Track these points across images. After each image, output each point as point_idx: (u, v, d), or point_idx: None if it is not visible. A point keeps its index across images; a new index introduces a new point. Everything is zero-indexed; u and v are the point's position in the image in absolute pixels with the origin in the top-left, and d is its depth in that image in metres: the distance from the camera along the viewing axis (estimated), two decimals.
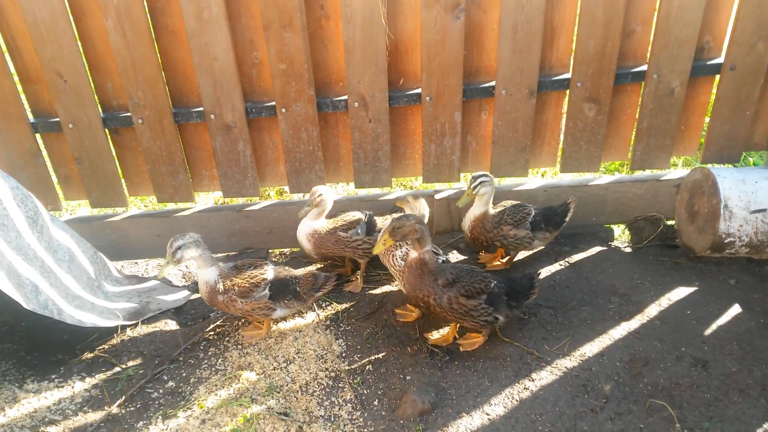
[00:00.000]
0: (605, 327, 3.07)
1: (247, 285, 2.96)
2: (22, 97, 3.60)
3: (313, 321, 3.28)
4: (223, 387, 2.86)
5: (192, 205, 4.06)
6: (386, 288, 3.54)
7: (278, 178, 3.93)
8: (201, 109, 3.62)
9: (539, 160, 3.86)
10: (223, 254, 4.02)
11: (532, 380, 2.78)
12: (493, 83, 3.58)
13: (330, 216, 3.53)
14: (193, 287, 3.80)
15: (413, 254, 2.83)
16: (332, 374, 2.91)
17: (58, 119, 3.62)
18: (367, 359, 2.99)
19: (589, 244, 3.76)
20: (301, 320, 3.29)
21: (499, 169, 3.81)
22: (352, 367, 2.95)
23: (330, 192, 3.42)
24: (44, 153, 3.79)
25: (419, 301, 2.86)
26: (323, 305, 3.41)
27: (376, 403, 2.75)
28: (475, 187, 3.31)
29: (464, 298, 2.80)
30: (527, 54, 3.45)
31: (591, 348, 2.94)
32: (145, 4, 3.30)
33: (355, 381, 2.86)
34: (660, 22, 3.40)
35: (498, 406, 2.66)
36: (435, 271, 2.83)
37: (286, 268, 3.21)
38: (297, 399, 2.77)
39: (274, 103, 3.61)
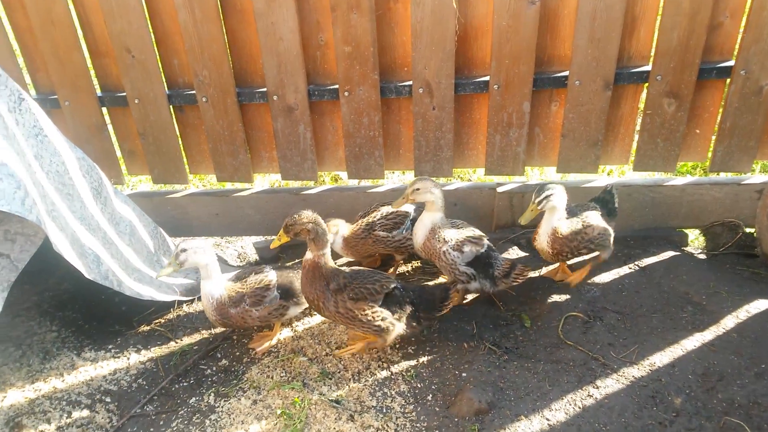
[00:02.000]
0: (677, 337, 2.88)
1: (257, 292, 2.83)
2: (91, 71, 3.65)
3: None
4: (276, 369, 2.83)
5: (249, 186, 4.05)
6: (440, 280, 3.44)
7: (336, 162, 3.88)
8: (264, 89, 3.59)
9: (611, 156, 3.67)
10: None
11: (597, 387, 2.63)
12: (566, 73, 3.41)
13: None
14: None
15: (308, 255, 2.67)
16: (385, 365, 2.83)
17: (124, 94, 3.66)
18: (421, 352, 2.90)
19: (661, 248, 3.55)
20: None
21: (567, 165, 3.64)
22: (406, 359, 2.87)
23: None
24: (110, 127, 3.85)
25: (312, 304, 2.73)
26: None
27: (429, 398, 2.66)
28: (540, 202, 2.96)
29: (351, 301, 2.65)
30: (605, 43, 3.27)
31: (661, 358, 2.77)
32: None
33: (409, 374, 2.78)
34: (752, 14, 3.16)
35: (559, 411, 2.53)
36: (328, 275, 2.67)
37: (285, 266, 3.11)
38: (349, 387, 2.71)
39: (336, 86, 3.55)
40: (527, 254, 3.61)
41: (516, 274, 3.10)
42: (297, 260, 3.77)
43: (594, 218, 3.14)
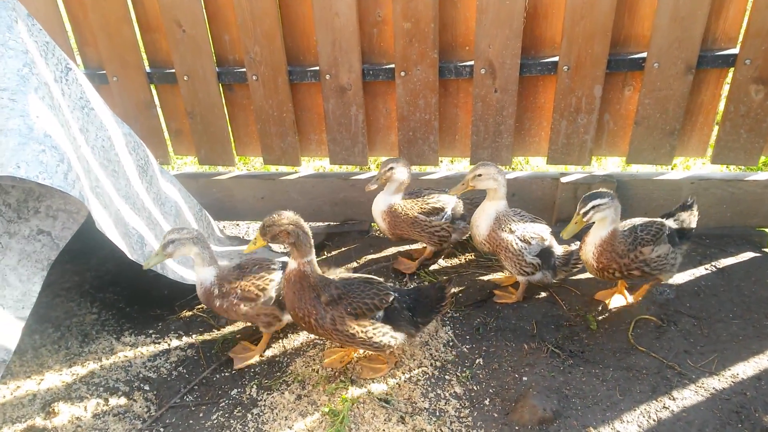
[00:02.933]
0: (762, 346, 2.60)
1: (253, 289, 2.58)
2: (141, 46, 3.54)
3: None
4: (321, 363, 2.67)
5: (296, 170, 3.90)
6: (498, 274, 3.21)
7: (388, 147, 3.68)
8: (316, 68, 3.41)
9: (687, 147, 3.37)
10: (324, 223, 3.83)
11: (673, 399, 2.38)
12: (644, 55, 3.12)
13: (413, 195, 3.19)
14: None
15: (292, 264, 2.33)
16: (438, 364, 2.64)
17: (173, 70, 3.54)
18: (477, 352, 2.70)
19: (740, 249, 3.24)
20: None
21: (638, 155, 3.36)
22: (460, 358, 2.66)
23: (403, 168, 3.01)
24: (157, 106, 3.74)
25: (300, 322, 2.40)
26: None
27: (487, 402, 2.45)
28: (586, 213, 2.51)
29: (352, 318, 2.34)
30: (689, 23, 2.97)
31: (745, 369, 2.49)
32: None
33: (464, 374, 2.57)
34: None
35: (631, 424, 2.29)
36: (318, 285, 2.35)
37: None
38: (399, 386, 2.53)
39: (392, 65, 3.34)
40: None
41: (575, 261, 2.89)
42: (343, 248, 3.60)
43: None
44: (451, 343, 2.75)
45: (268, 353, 2.78)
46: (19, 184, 2.15)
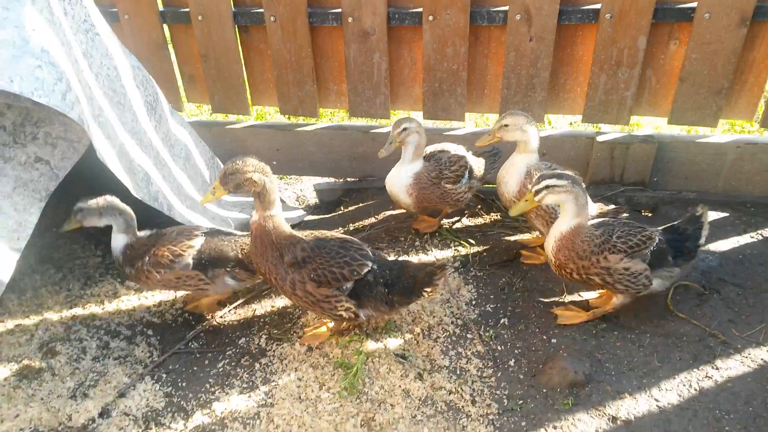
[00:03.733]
0: None
1: (167, 254, 2.35)
2: None
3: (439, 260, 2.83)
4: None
5: (314, 121, 3.71)
6: (526, 235, 3.01)
7: (411, 101, 3.47)
8: (338, 10, 3.20)
9: (734, 109, 3.12)
10: (342, 180, 3.65)
11: (716, 368, 2.18)
12: (693, 4, 2.87)
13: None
14: (308, 209, 3.47)
15: (254, 216, 2.13)
16: (459, 322, 2.46)
17: (187, 10, 3.35)
18: (501, 312, 2.51)
19: None
20: (425, 256, 2.85)
21: (681, 116, 3.12)
22: (483, 317, 2.48)
23: (419, 127, 2.71)
24: (170, 50, 3.56)
25: (264, 278, 2.20)
26: (452, 244, 2.95)
27: (512, 363, 2.27)
28: (539, 192, 2.20)
29: (313, 284, 2.11)
30: None
31: None
32: None
33: (487, 334, 2.39)
34: None
35: (671, 392, 2.10)
36: (282, 244, 2.12)
37: (231, 232, 2.57)
38: (417, 343, 2.35)
39: (420, 9, 3.12)
40: (626, 214, 3.12)
41: (612, 213, 2.70)
42: (360, 204, 3.42)
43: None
44: (473, 302, 2.57)
45: (279, 304, 2.61)
46: (13, 102, 1.99)
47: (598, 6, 2.95)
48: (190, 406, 2.13)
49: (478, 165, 2.99)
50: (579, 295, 2.58)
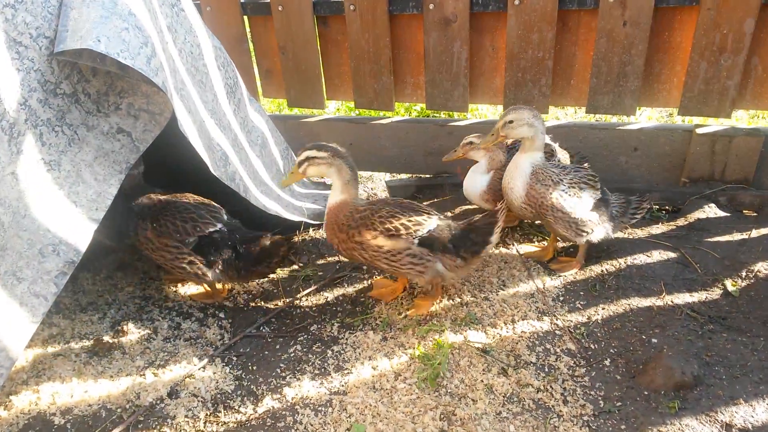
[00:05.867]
0: None
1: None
2: None
3: (524, 253, 2.65)
4: (411, 307, 2.35)
5: (389, 115, 3.62)
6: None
7: (491, 93, 3.32)
8: None
9: None
10: (415, 176, 3.52)
11: None
12: None
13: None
14: None
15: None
16: (546, 317, 2.26)
17: (268, 1, 3.34)
18: (593, 309, 2.30)
19: None
20: (507, 250, 2.67)
21: None
22: (573, 313, 2.28)
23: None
24: (249, 42, 3.57)
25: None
26: (534, 239, 2.76)
27: (607, 362, 2.05)
28: (301, 163, 2.18)
29: (154, 233, 2.30)
30: None
31: None
32: None
33: (578, 331, 2.19)
34: None
35: None
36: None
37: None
38: (501, 337, 2.17)
39: None
40: (727, 215, 2.85)
41: (634, 209, 2.49)
42: (435, 200, 3.28)
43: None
44: (561, 298, 2.36)
45: (350, 291, 2.50)
46: (99, 65, 1.97)
47: None
48: (260, 391, 2.03)
49: (564, 156, 2.81)
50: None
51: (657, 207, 2.96)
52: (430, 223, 2.17)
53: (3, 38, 1.73)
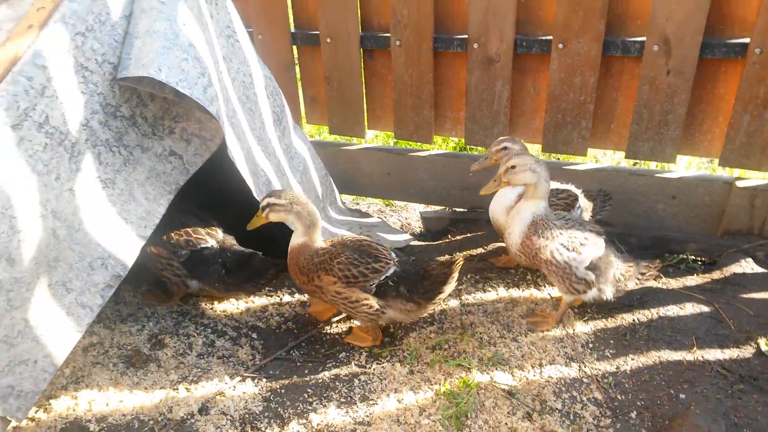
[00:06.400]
0: None
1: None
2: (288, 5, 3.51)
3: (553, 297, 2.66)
4: (437, 342, 2.38)
5: (428, 148, 3.68)
6: (649, 282, 2.76)
7: (531, 132, 3.36)
8: (464, 36, 3.18)
9: None
10: (450, 209, 3.56)
11: None
12: None
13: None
14: (415, 236, 3.41)
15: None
16: (574, 364, 2.26)
17: (317, 32, 3.46)
18: (621, 359, 2.29)
19: None
20: (538, 292, 2.68)
21: None
22: (601, 361, 2.27)
23: (523, 149, 2.62)
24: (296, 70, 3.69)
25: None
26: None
27: (633, 415, 2.04)
28: (263, 209, 2.30)
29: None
30: None
31: None
32: None
33: (606, 381, 2.18)
34: None
35: None
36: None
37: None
38: (527, 380, 2.18)
39: (549, 37, 3.04)
40: (764, 271, 2.81)
41: (641, 273, 2.41)
42: (468, 234, 3.31)
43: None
44: (590, 345, 2.36)
45: (381, 323, 2.54)
46: (158, 93, 2.08)
47: (746, 40, 2.74)
48: (287, 414, 2.08)
49: (585, 204, 2.81)
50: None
51: (693, 258, 2.93)
52: (387, 270, 2.26)
53: (72, 63, 1.85)
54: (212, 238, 2.63)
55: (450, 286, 2.24)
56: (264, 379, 2.24)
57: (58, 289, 1.93)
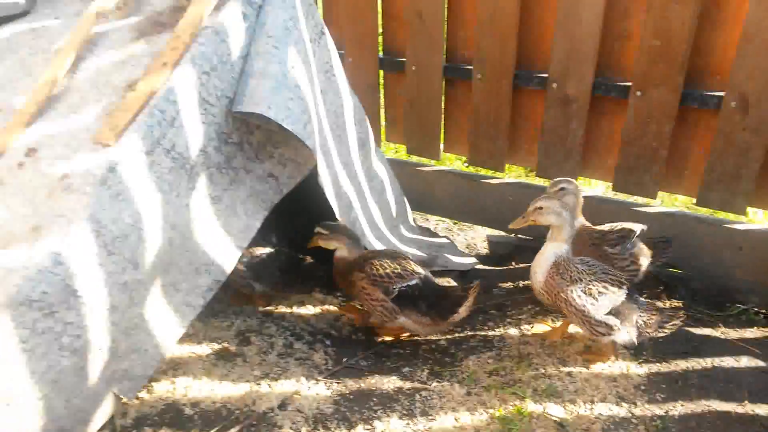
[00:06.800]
0: None
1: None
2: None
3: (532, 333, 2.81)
4: (495, 367, 2.56)
5: (499, 175, 3.84)
6: (707, 331, 2.84)
7: (602, 171, 3.46)
8: (543, 75, 3.33)
9: None
10: (515, 235, 3.71)
11: None
12: None
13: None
14: (480, 258, 3.58)
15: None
16: (625, 404, 2.39)
17: (403, 59, 3.68)
18: (671, 403, 2.40)
19: None
20: None
21: None
22: (651, 404, 2.39)
23: (578, 189, 2.86)
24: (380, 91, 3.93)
25: None
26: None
27: None
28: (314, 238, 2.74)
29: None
30: None
31: None
32: None
33: (654, 424, 2.30)
34: None
35: None
36: None
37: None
38: (578, 415, 2.33)
39: (628, 83, 3.14)
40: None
41: (663, 322, 2.50)
42: (529, 263, 3.44)
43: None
44: (642, 387, 2.48)
45: (443, 343, 2.74)
46: (264, 124, 2.35)
47: None
48: (354, 418, 2.31)
49: (644, 253, 2.92)
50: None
51: (756, 310, 2.98)
52: (410, 280, 2.59)
53: (196, 98, 2.14)
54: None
55: (465, 309, 2.57)
56: (335, 384, 2.48)
57: (169, 290, 2.23)
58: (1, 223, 1.87)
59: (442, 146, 3.86)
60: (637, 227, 2.88)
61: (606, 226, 2.93)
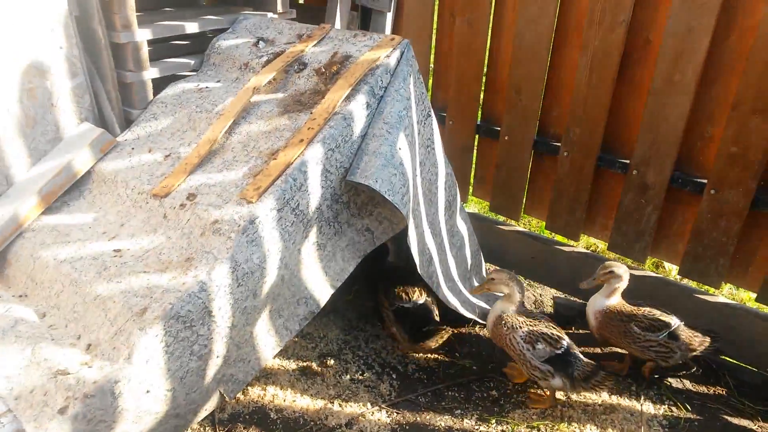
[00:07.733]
0: None
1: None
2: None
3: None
4: (537, 423, 2.89)
5: (573, 244, 4.13)
6: (745, 422, 3.02)
7: (671, 254, 3.69)
8: (626, 161, 3.61)
9: None
10: (582, 301, 3.99)
11: None
12: None
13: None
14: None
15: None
16: None
17: (498, 128, 4.08)
18: None
19: None
20: (636, 402, 3.07)
21: None
22: None
23: (624, 272, 3.18)
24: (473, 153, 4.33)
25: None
26: (666, 401, 3.11)
27: None
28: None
29: None
30: None
31: None
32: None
33: None
34: None
35: None
36: None
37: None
38: None
39: (704, 180, 3.37)
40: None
41: (597, 381, 2.85)
42: (588, 331, 3.72)
43: None
44: None
45: (494, 393, 3.10)
46: (368, 191, 2.84)
47: None
48: None
49: (690, 335, 3.13)
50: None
51: None
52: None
53: (321, 169, 2.66)
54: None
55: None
56: (395, 413, 2.91)
57: (273, 315, 2.76)
58: (164, 251, 2.47)
59: (522, 209, 4.21)
60: (675, 322, 3.12)
61: (640, 310, 3.18)
